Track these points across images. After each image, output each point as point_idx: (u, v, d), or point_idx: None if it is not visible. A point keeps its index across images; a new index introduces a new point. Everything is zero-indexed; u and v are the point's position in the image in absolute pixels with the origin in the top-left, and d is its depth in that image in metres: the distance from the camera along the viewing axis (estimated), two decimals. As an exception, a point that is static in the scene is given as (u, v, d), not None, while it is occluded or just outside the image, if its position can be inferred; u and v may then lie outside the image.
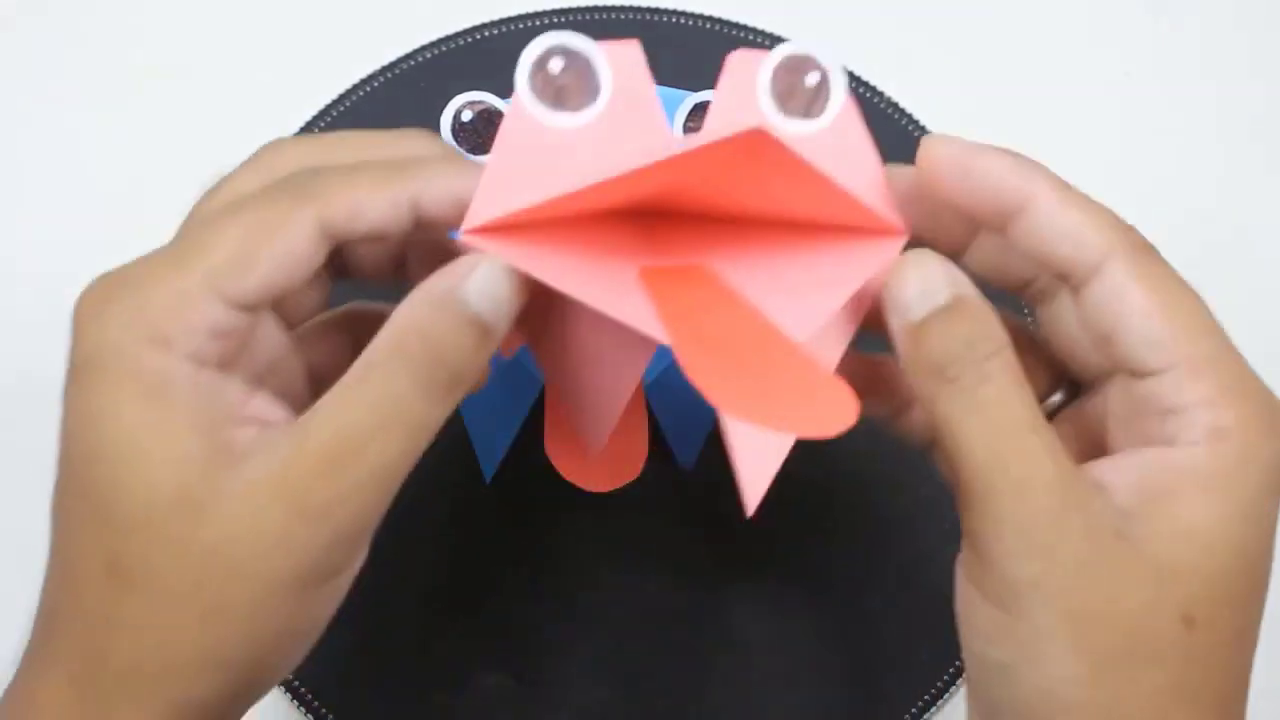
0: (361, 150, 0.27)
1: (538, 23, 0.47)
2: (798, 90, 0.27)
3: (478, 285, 0.24)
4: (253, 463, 0.24)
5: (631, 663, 0.39)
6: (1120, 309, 0.26)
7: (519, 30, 0.46)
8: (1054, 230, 0.26)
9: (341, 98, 0.45)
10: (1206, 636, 0.24)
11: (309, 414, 0.24)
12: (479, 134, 0.33)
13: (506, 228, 0.25)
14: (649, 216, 0.27)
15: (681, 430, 0.40)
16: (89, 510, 0.24)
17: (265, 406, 0.26)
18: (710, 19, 0.47)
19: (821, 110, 0.27)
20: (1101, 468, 0.26)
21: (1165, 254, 0.27)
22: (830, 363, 0.28)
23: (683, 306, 0.25)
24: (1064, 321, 0.28)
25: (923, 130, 0.46)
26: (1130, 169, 0.47)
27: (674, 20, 0.47)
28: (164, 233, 0.29)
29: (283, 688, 0.38)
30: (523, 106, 0.26)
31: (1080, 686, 0.24)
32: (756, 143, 0.23)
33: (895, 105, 0.46)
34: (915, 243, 0.27)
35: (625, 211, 0.26)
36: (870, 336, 0.28)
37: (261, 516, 0.24)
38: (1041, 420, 0.25)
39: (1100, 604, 0.24)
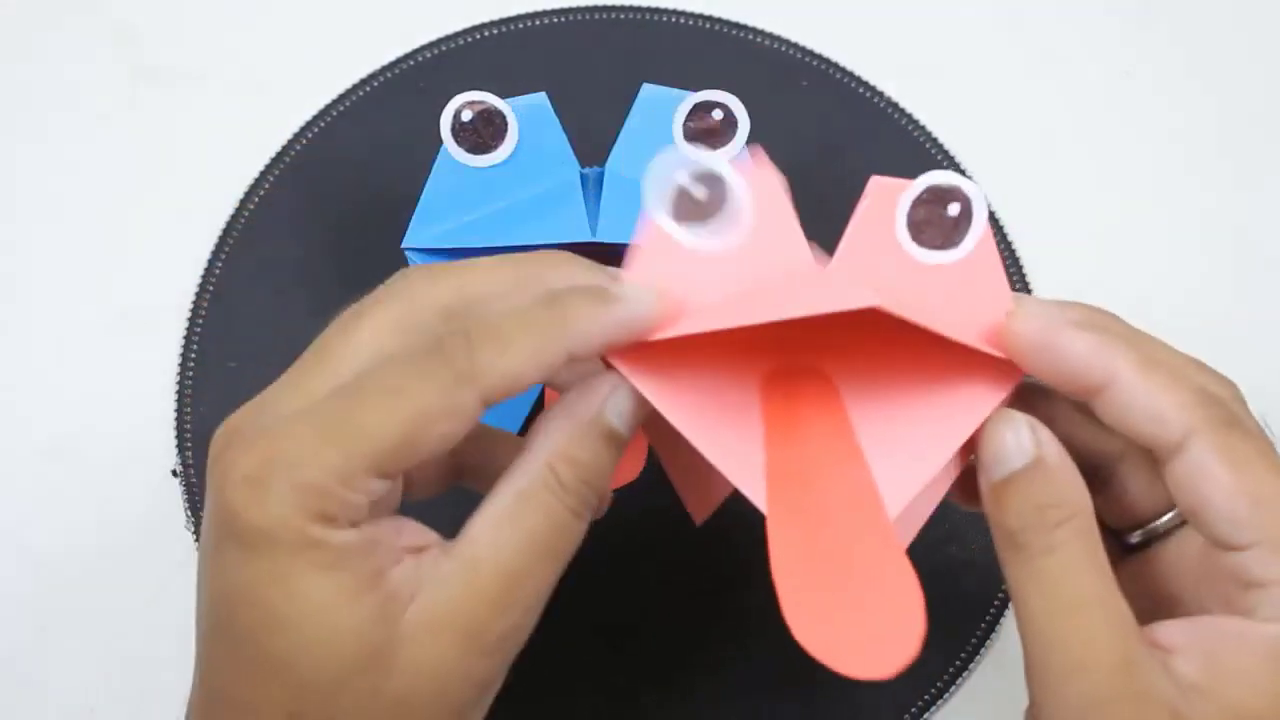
0: (501, 281, 0.27)
1: (537, 22, 0.46)
2: (936, 219, 0.27)
3: (616, 407, 0.26)
4: (423, 602, 0.25)
5: (629, 663, 0.39)
6: (1204, 488, 0.26)
7: (519, 30, 0.46)
8: (1136, 409, 0.26)
9: (341, 97, 0.45)
10: None
11: (466, 544, 0.25)
12: (478, 133, 0.34)
13: (641, 348, 0.25)
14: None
15: None
16: (269, 670, 0.24)
17: (412, 533, 0.26)
18: (709, 19, 0.47)
19: (960, 240, 0.27)
20: (1171, 630, 0.27)
21: (1166, 253, 0.27)
22: (918, 523, 0.28)
23: (795, 443, 0.26)
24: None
25: (922, 130, 0.46)
26: (1130, 169, 0.47)
27: (673, 20, 0.47)
28: (163, 236, 0.29)
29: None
30: (660, 228, 0.26)
31: None
32: (881, 316, 0.24)
33: (895, 105, 0.46)
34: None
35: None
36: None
37: (444, 657, 0.24)
38: (1109, 590, 0.26)
39: None
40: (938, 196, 0.27)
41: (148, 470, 0.40)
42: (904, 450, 0.26)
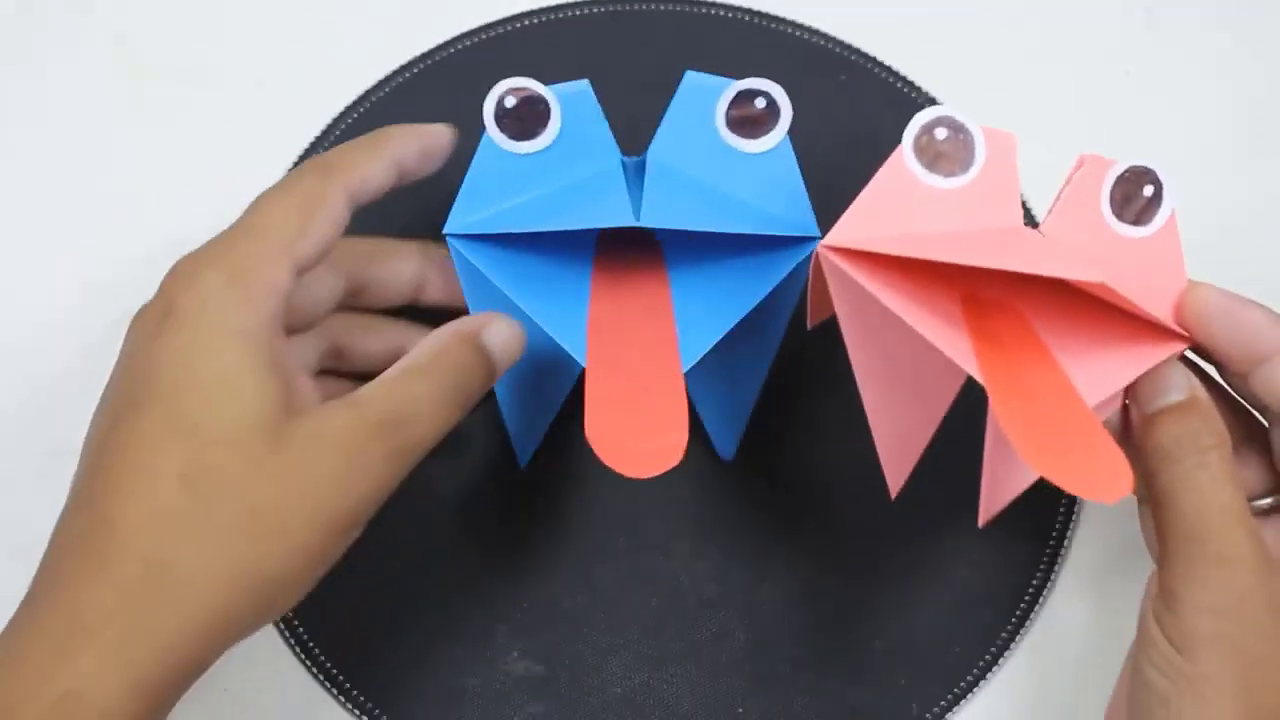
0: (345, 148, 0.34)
1: (575, 13, 0.47)
2: (1135, 198, 0.32)
3: (493, 336, 0.33)
4: (319, 417, 0.30)
5: (658, 650, 0.39)
6: None
7: (557, 21, 0.46)
8: None
9: (378, 86, 0.45)
10: None
11: (362, 393, 0.31)
12: (522, 120, 0.34)
13: (855, 254, 0.30)
14: None
15: (721, 421, 0.40)
16: (171, 430, 0.29)
17: (306, 378, 0.33)
18: (749, 11, 0.47)
19: (1151, 219, 0.32)
20: None
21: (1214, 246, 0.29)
22: None
23: (997, 347, 0.30)
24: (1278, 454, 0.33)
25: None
26: (1171, 164, 0.47)
27: (712, 13, 0.47)
28: (193, 226, 0.30)
29: (319, 677, 0.38)
30: (902, 160, 0.31)
31: None
32: (1098, 289, 0.29)
33: (933, 101, 0.46)
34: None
35: None
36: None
37: (326, 459, 0.29)
38: (1246, 510, 0.30)
39: (1269, 671, 0.29)
40: (1137, 177, 0.32)
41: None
42: (1087, 375, 0.31)
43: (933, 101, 0.46)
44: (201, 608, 0.28)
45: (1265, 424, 0.34)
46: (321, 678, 0.38)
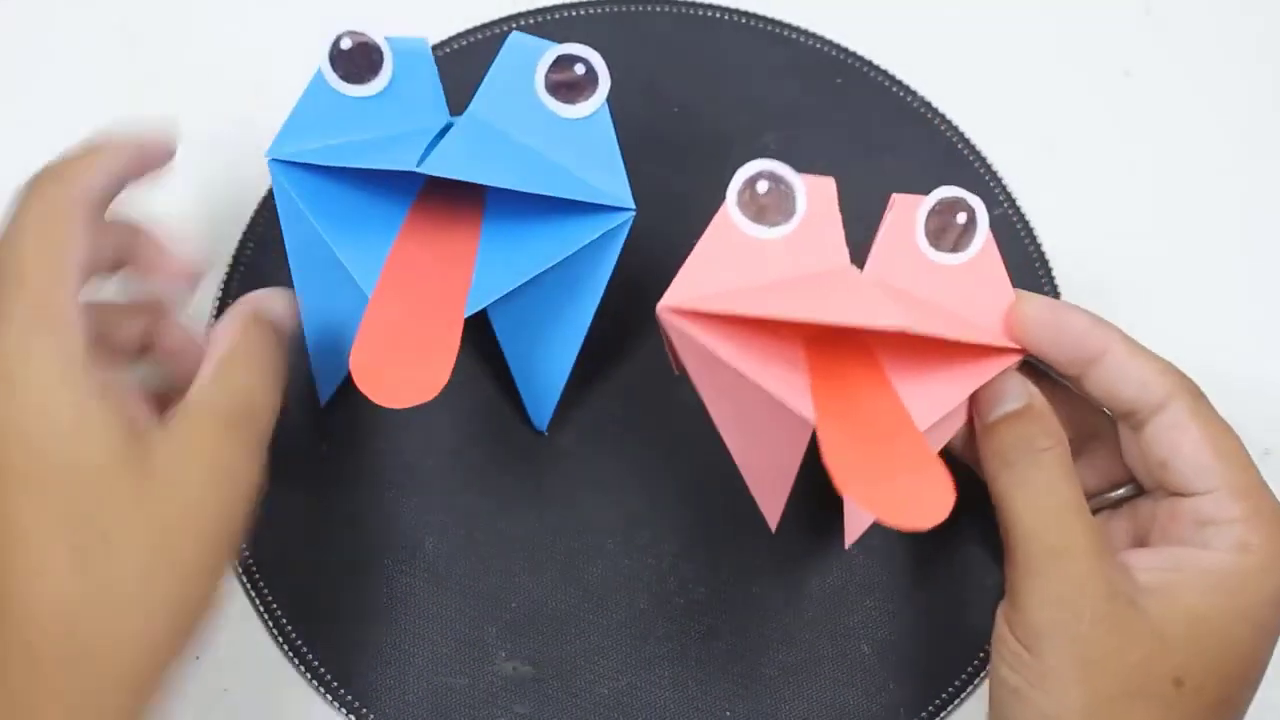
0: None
1: (571, 13, 0.47)
2: (949, 227, 0.33)
3: (274, 308, 0.35)
4: (169, 432, 0.30)
5: (646, 651, 0.39)
6: (1178, 440, 0.32)
7: (554, 21, 0.46)
8: (1125, 376, 0.33)
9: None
10: (1193, 697, 0.30)
11: (196, 398, 0.31)
12: (354, 63, 0.35)
13: (693, 313, 0.31)
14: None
15: (535, 392, 0.40)
16: (37, 495, 0.28)
17: (140, 404, 0.31)
18: (744, 13, 0.47)
19: (968, 245, 0.33)
20: (1137, 554, 0.33)
21: (1167, 252, 0.30)
22: (941, 442, 0.34)
23: (834, 382, 0.31)
24: (1127, 445, 0.34)
25: (955, 130, 0.46)
26: (1130, 169, 0.47)
27: (708, 14, 0.47)
28: (193, 226, 0.29)
29: (307, 676, 0.38)
30: (728, 215, 0.32)
31: (1078, 716, 0.30)
32: (910, 337, 0.30)
33: (928, 104, 0.46)
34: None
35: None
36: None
37: (193, 473, 0.29)
38: (1082, 504, 0.32)
39: (1105, 653, 0.30)
40: (948, 207, 0.33)
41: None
42: (927, 395, 0.33)
43: (929, 106, 0.46)
44: (130, 666, 0.28)
45: (1112, 418, 0.35)
46: (309, 676, 0.38)
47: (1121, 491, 0.36)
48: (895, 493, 0.28)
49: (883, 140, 0.46)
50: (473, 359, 0.41)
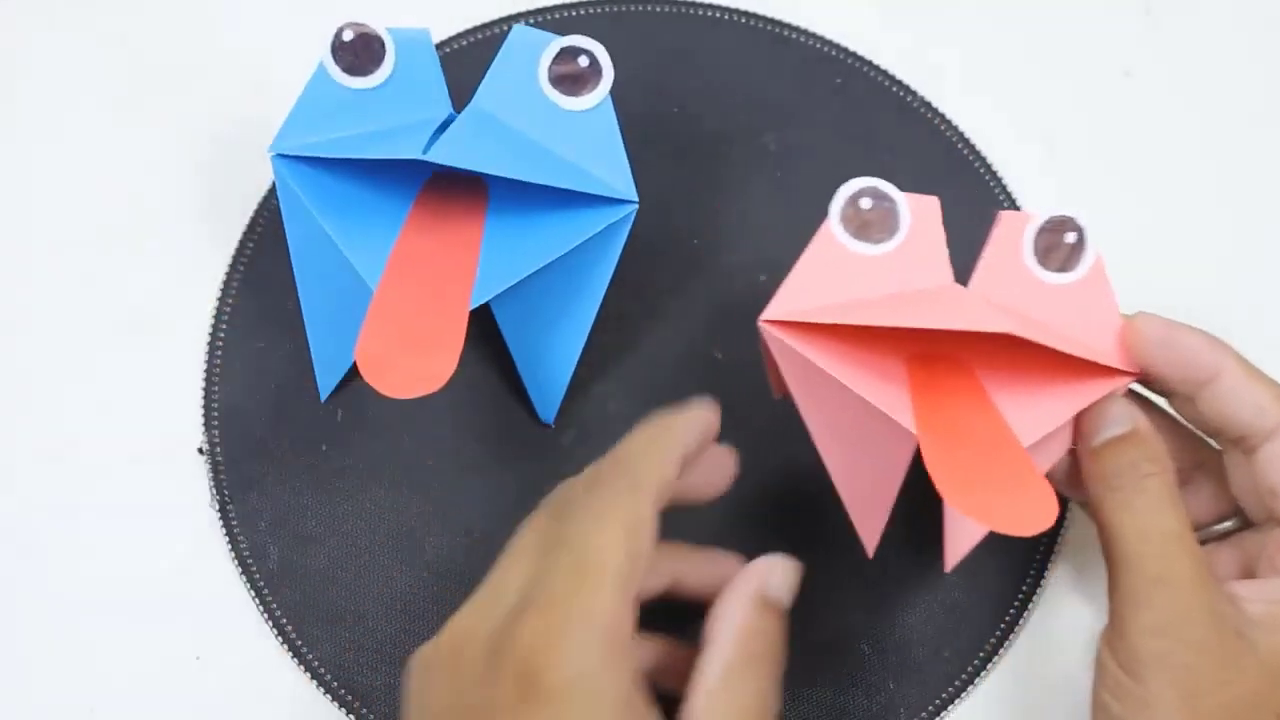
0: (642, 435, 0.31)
1: (572, 13, 0.47)
2: (1057, 247, 0.33)
3: (777, 583, 0.31)
4: None
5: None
6: None
7: (555, 21, 0.46)
8: (1238, 399, 0.32)
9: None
10: None
11: (694, 714, 0.28)
12: (356, 54, 0.35)
13: (794, 325, 0.31)
14: None
15: (540, 384, 0.40)
16: None
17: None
18: (745, 14, 0.47)
19: (1076, 265, 0.33)
20: (1244, 585, 0.32)
21: (1166, 252, 0.30)
22: (1044, 466, 0.34)
23: (935, 398, 0.31)
24: (1236, 473, 0.34)
25: (954, 129, 0.46)
26: (1131, 168, 0.47)
27: (709, 14, 0.47)
28: (193, 225, 0.28)
29: (307, 676, 0.38)
30: (831, 231, 0.32)
31: None
32: (1011, 340, 0.30)
33: (928, 104, 0.46)
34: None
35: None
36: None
37: None
38: (1187, 532, 0.31)
39: (1211, 685, 0.30)
40: (1057, 226, 0.33)
41: (168, 449, 0.41)
42: (1030, 413, 0.32)
43: (929, 106, 0.46)
44: None
45: (1219, 449, 0.34)
46: (309, 676, 0.38)
47: (1228, 524, 0.35)
48: (1001, 501, 0.28)
49: (883, 140, 0.46)
50: (476, 355, 0.41)
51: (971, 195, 0.45)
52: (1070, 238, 0.33)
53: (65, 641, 0.38)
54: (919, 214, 0.33)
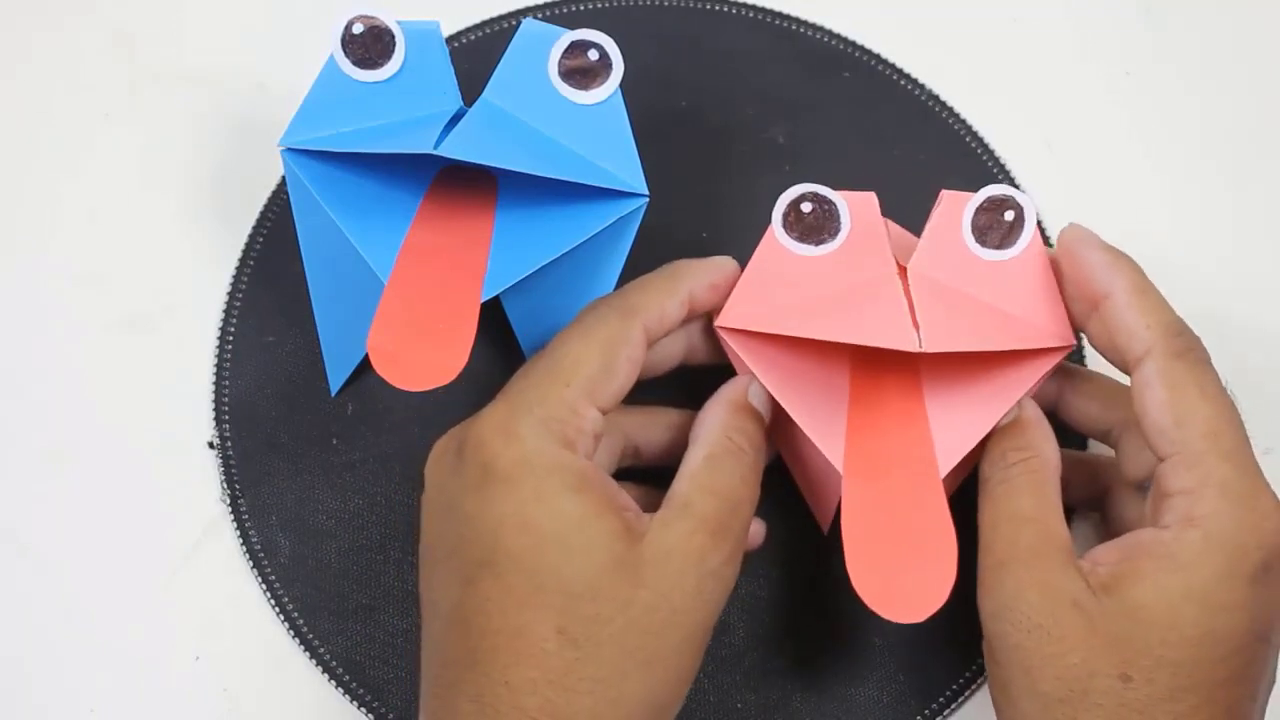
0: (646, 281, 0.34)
1: (580, 7, 0.47)
2: (996, 225, 0.34)
3: (754, 393, 0.34)
4: (657, 535, 0.30)
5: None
6: (1145, 399, 0.30)
7: (563, 15, 0.46)
8: (1120, 324, 0.31)
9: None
10: (1144, 690, 0.29)
11: (677, 497, 0.31)
12: (366, 47, 0.35)
13: (745, 332, 0.33)
14: None
15: None
16: (536, 589, 0.29)
17: (625, 495, 0.31)
18: (752, 7, 0.47)
19: (1015, 242, 0.34)
20: (1105, 547, 0.31)
21: (1166, 252, 0.30)
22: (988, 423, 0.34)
23: (870, 417, 0.33)
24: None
25: (962, 123, 0.46)
26: (1131, 168, 0.47)
27: (716, 9, 0.47)
28: (192, 226, 0.28)
29: (319, 670, 0.38)
30: (774, 236, 0.34)
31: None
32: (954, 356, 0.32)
33: (936, 97, 0.47)
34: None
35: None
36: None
37: (682, 577, 0.30)
38: (1042, 512, 0.31)
39: (1042, 660, 0.29)
40: (996, 205, 0.34)
41: (176, 442, 0.41)
42: (959, 420, 0.33)
43: (936, 99, 0.46)
44: None
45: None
46: (321, 669, 0.38)
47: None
48: (899, 587, 0.30)
49: (889, 133, 0.46)
50: (486, 349, 0.41)
51: (977, 188, 0.45)
52: (1008, 215, 0.34)
53: (68, 641, 0.38)
54: (858, 212, 0.34)
